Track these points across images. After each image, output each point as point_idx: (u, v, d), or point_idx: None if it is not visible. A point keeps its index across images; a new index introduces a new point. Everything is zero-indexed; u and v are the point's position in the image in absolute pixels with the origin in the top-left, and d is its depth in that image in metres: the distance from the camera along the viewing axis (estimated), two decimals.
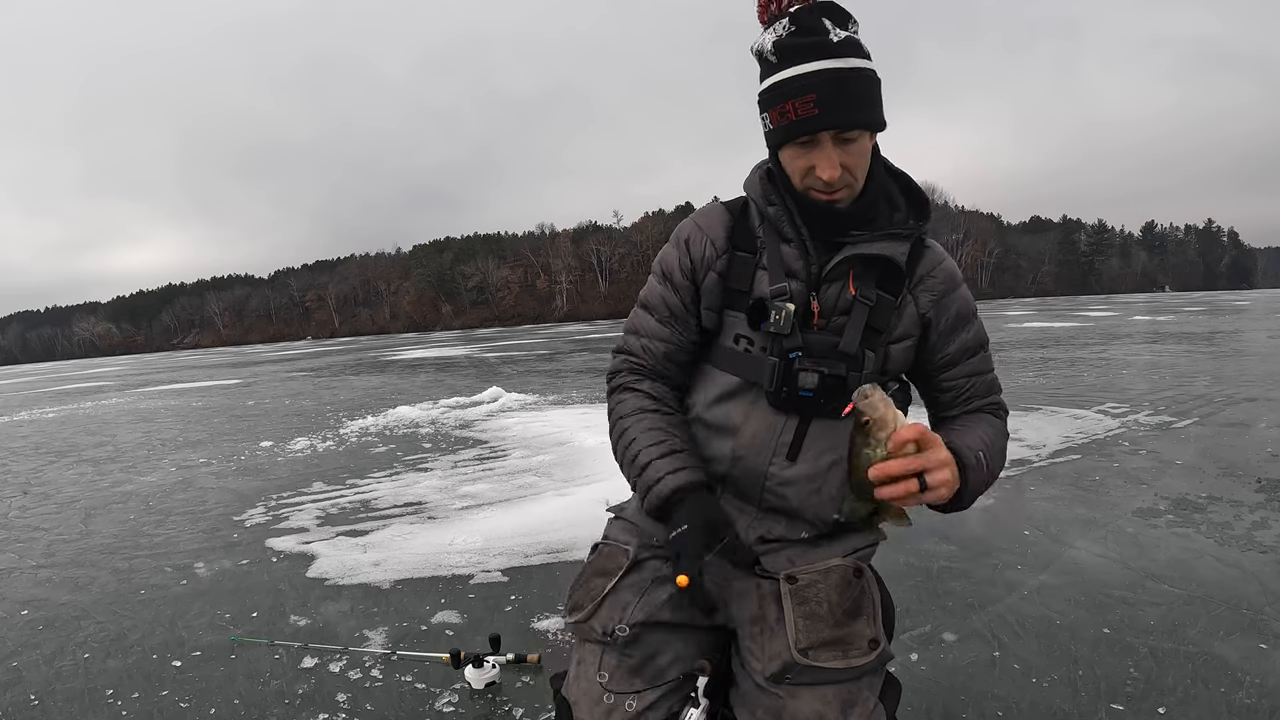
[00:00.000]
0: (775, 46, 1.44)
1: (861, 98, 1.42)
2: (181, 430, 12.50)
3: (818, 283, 1.53)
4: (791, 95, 1.41)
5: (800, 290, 1.53)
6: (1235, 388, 10.76)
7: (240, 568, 4.91)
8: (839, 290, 1.53)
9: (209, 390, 21.92)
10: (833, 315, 1.54)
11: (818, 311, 1.53)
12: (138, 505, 6.97)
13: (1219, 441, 7.22)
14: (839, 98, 1.39)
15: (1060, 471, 6.28)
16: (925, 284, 1.58)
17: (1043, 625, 3.49)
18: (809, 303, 1.53)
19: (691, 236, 1.66)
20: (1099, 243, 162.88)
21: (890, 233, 1.53)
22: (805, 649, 1.44)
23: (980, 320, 1.67)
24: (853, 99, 1.40)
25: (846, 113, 1.40)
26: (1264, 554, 4.26)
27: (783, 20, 1.44)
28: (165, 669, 3.50)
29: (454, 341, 53.33)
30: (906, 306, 1.57)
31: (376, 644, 3.61)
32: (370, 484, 7.08)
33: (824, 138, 1.42)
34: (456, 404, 12.74)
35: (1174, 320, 31.65)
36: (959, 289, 1.62)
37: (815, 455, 1.55)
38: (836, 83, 1.39)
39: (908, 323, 1.58)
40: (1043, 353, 17.76)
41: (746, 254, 1.59)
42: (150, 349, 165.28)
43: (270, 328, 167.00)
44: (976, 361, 1.65)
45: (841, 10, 1.43)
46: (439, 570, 4.59)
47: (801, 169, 1.47)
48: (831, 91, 1.38)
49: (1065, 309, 54.99)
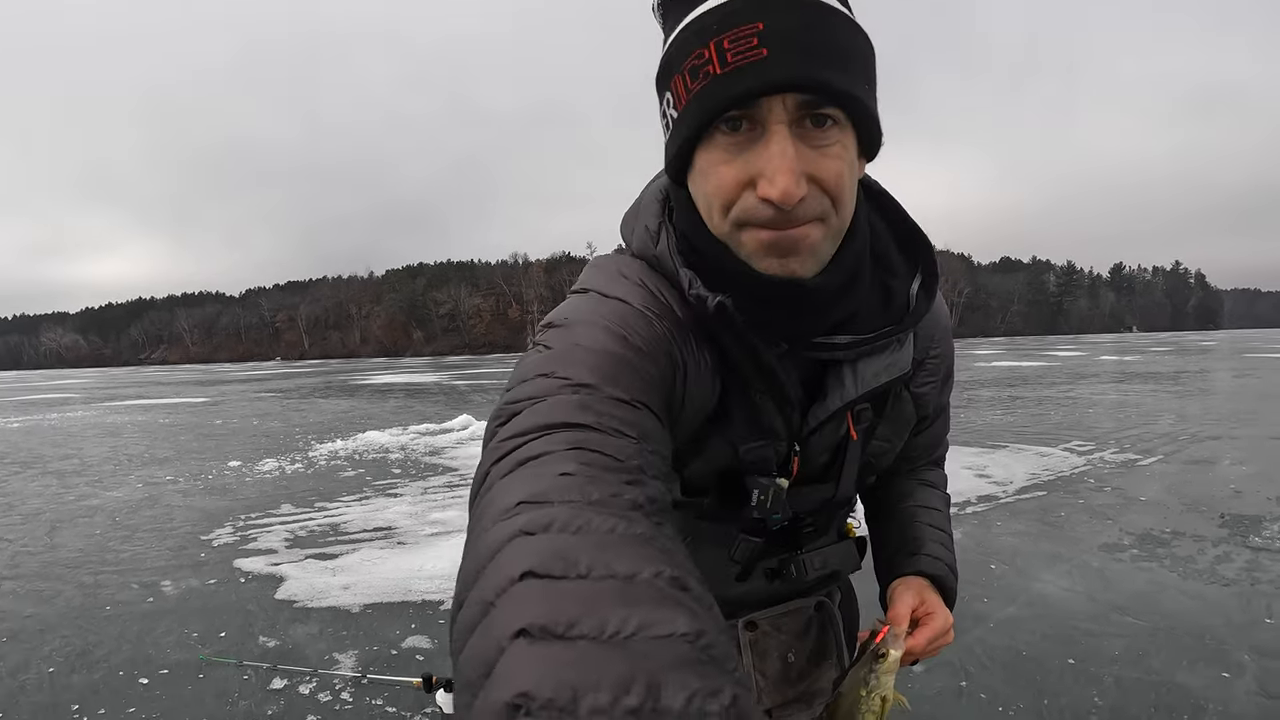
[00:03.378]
0: None
1: (846, 53, 0.78)
2: (148, 446, 12.38)
3: (802, 436, 1.03)
4: (715, 32, 0.76)
5: (778, 447, 1.03)
6: (1200, 426, 10.97)
7: (208, 587, 4.86)
8: (832, 434, 1.06)
9: (176, 407, 21.72)
10: (816, 460, 1.08)
11: (797, 468, 1.05)
12: (104, 520, 6.89)
13: (1183, 478, 7.35)
14: (803, 38, 0.75)
15: (1027, 507, 6.35)
16: (927, 368, 1.13)
17: (1009, 656, 3.53)
18: (789, 460, 1.04)
19: (644, 326, 1.04)
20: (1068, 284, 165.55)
21: (893, 330, 0.98)
22: (769, 709, 1.28)
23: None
24: (831, 49, 0.76)
25: (819, 65, 0.75)
26: (1226, 586, 4.35)
27: None
28: (132, 686, 3.46)
29: (424, 368, 53.11)
30: (905, 405, 1.14)
31: (347, 667, 3.59)
32: (339, 507, 7.04)
33: (773, 117, 0.77)
34: (426, 430, 12.71)
35: (1141, 360, 32.11)
36: (952, 354, 1.20)
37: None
38: (798, 9, 0.75)
39: (904, 419, 1.16)
40: (1011, 391, 17.97)
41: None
42: (117, 363, 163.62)
43: (239, 346, 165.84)
44: (939, 425, 1.28)
45: None
46: (409, 595, 4.57)
47: (726, 195, 0.81)
48: (790, 24, 0.75)
49: (1034, 348, 55.64)
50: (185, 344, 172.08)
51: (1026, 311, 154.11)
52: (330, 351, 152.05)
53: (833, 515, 1.20)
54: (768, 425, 0.99)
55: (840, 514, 1.22)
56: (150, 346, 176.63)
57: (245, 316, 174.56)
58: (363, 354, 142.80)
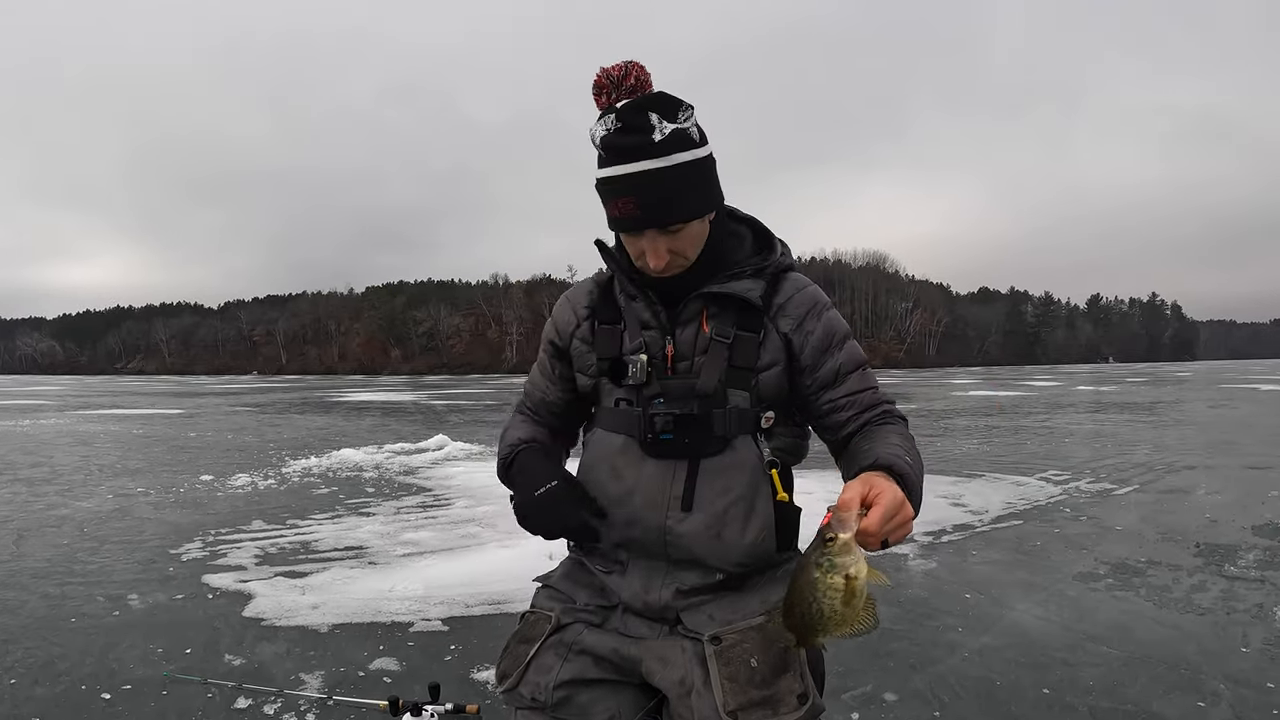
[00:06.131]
0: (602, 142, 1.44)
1: (684, 192, 1.43)
2: (121, 457, 12.24)
3: (670, 328, 1.56)
4: (614, 194, 1.43)
5: (654, 338, 1.56)
6: (1175, 456, 11.07)
7: (175, 602, 4.78)
8: (694, 332, 1.55)
9: (151, 418, 21.51)
10: (693, 357, 1.55)
11: (672, 355, 1.55)
12: (72, 530, 6.79)
13: (1159, 508, 7.40)
14: (658, 199, 1.41)
15: (1002, 536, 6.36)
16: (785, 310, 1.58)
17: (984, 686, 3.51)
18: (664, 349, 1.56)
19: (559, 310, 1.75)
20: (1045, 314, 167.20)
21: (736, 272, 1.56)
22: (734, 711, 1.43)
23: (854, 344, 1.63)
24: (672, 197, 1.42)
25: (667, 212, 1.42)
26: (1202, 615, 4.36)
27: (609, 115, 1.43)
28: (94, 700, 3.39)
29: (401, 386, 52.84)
30: (769, 337, 1.57)
31: (313, 688, 3.52)
32: (311, 525, 6.96)
33: (649, 232, 1.44)
34: (401, 449, 12.58)
35: (1117, 390, 32.40)
36: (824, 312, 1.61)
37: (710, 500, 1.54)
38: (656, 185, 1.40)
39: (772, 350, 1.57)
40: (987, 420, 18.06)
41: (613, 324, 1.62)
42: (93, 371, 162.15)
43: (216, 359, 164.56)
44: (853, 380, 1.60)
45: (671, 101, 1.43)
46: (379, 616, 4.51)
47: (635, 253, 1.51)
48: (652, 193, 1.40)
49: (1011, 378, 56.09)
50: (162, 355, 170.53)
51: (1004, 341, 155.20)
52: (308, 367, 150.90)
53: (699, 422, 1.53)
54: (642, 318, 1.58)
55: (722, 419, 1.54)
56: (127, 356, 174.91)
57: (223, 329, 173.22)
58: (341, 370, 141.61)
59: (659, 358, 1.56)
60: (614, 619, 1.63)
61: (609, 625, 1.62)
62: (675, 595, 1.59)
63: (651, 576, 1.62)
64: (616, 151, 1.41)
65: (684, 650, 1.54)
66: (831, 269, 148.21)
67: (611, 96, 1.45)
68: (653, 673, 1.55)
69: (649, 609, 1.60)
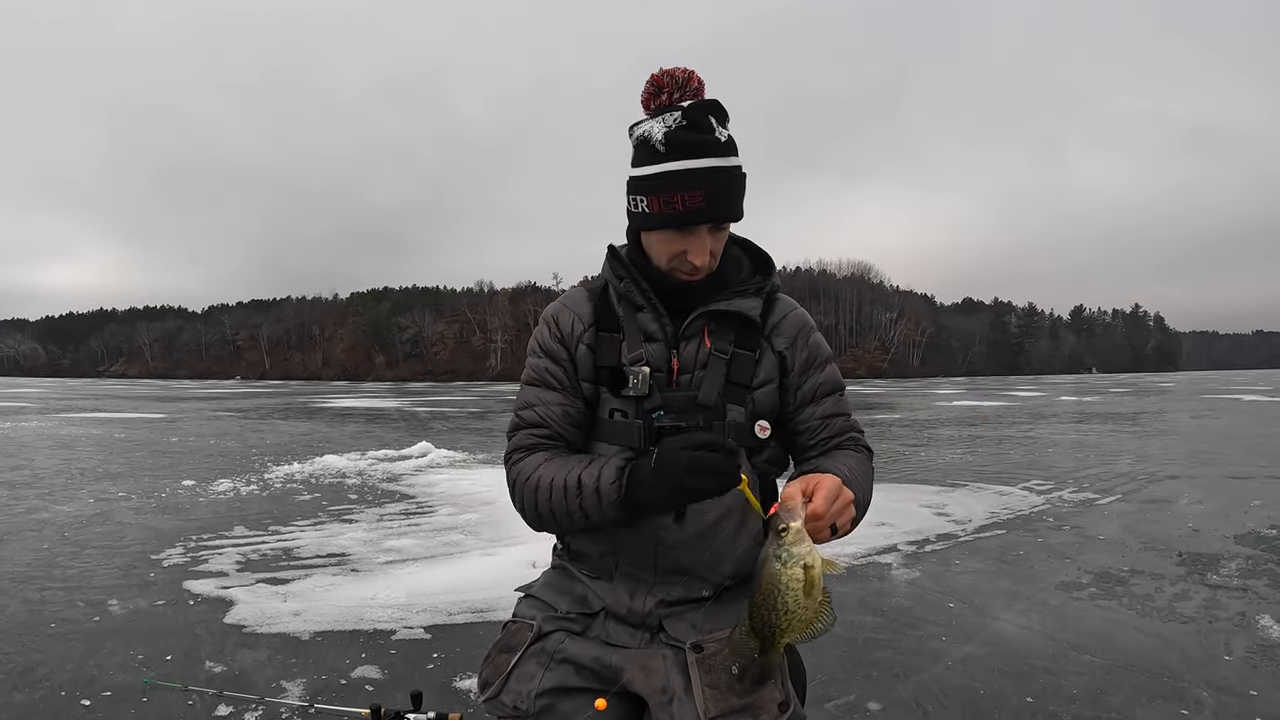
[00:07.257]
0: (666, 137, 1.48)
1: (740, 194, 1.53)
2: (102, 461, 12.17)
3: (675, 342, 1.60)
4: (681, 187, 1.47)
5: (658, 351, 1.59)
6: (1158, 466, 11.15)
7: (156, 608, 4.74)
8: (696, 346, 1.59)
9: (133, 422, 21.39)
10: (694, 370, 1.59)
11: (677, 369, 1.59)
12: (53, 535, 6.74)
13: (1141, 517, 7.45)
14: (723, 194, 1.48)
15: (985, 546, 6.38)
16: (779, 329, 1.66)
17: (967, 695, 3.52)
18: (669, 362, 1.59)
19: (559, 314, 1.70)
20: (1029, 325, 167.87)
21: (738, 290, 1.62)
22: (715, 718, 1.44)
23: (835, 368, 1.72)
24: (732, 195, 1.51)
25: (727, 208, 1.50)
26: (1184, 624, 4.39)
27: (674, 113, 1.49)
28: (74, 707, 3.36)
29: (385, 393, 52.61)
30: (765, 355, 1.63)
31: (294, 695, 3.50)
32: (293, 532, 6.92)
33: (702, 228, 1.50)
34: (385, 456, 12.55)
35: (1100, 401, 32.57)
36: (812, 334, 1.70)
37: (702, 511, 1.55)
38: (724, 181, 1.48)
39: (768, 368, 1.63)
40: (971, 430, 18.13)
41: (611, 333, 1.64)
42: (75, 374, 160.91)
43: (200, 364, 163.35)
44: (829, 403, 1.68)
45: (723, 110, 1.51)
46: (360, 623, 4.48)
47: (673, 252, 1.54)
48: (718, 188, 1.47)
49: (995, 388, 56.32)
50: (145, 359, 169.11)
51: (988, 352, 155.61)
52: (292, 372, 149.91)
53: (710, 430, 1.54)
54: (647, 331, 1.60)
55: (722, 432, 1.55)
56: (110, 359, 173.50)
57: (207, 333, 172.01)
58: (325, 376, 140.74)
59: (663, 370, 1.58)
60: (596, 626, 1.63)
61: (591, 633, 1.62)
62: (659, 605, 1.61)
63: (638, 585, 1.62)
64: (687, 146, 1.47)
65: (666, 658, 1.55)
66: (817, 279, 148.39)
67: (673, 96, 1.52)
68: (634, 681, 1.55)
69: (632, 615, 1.60)
